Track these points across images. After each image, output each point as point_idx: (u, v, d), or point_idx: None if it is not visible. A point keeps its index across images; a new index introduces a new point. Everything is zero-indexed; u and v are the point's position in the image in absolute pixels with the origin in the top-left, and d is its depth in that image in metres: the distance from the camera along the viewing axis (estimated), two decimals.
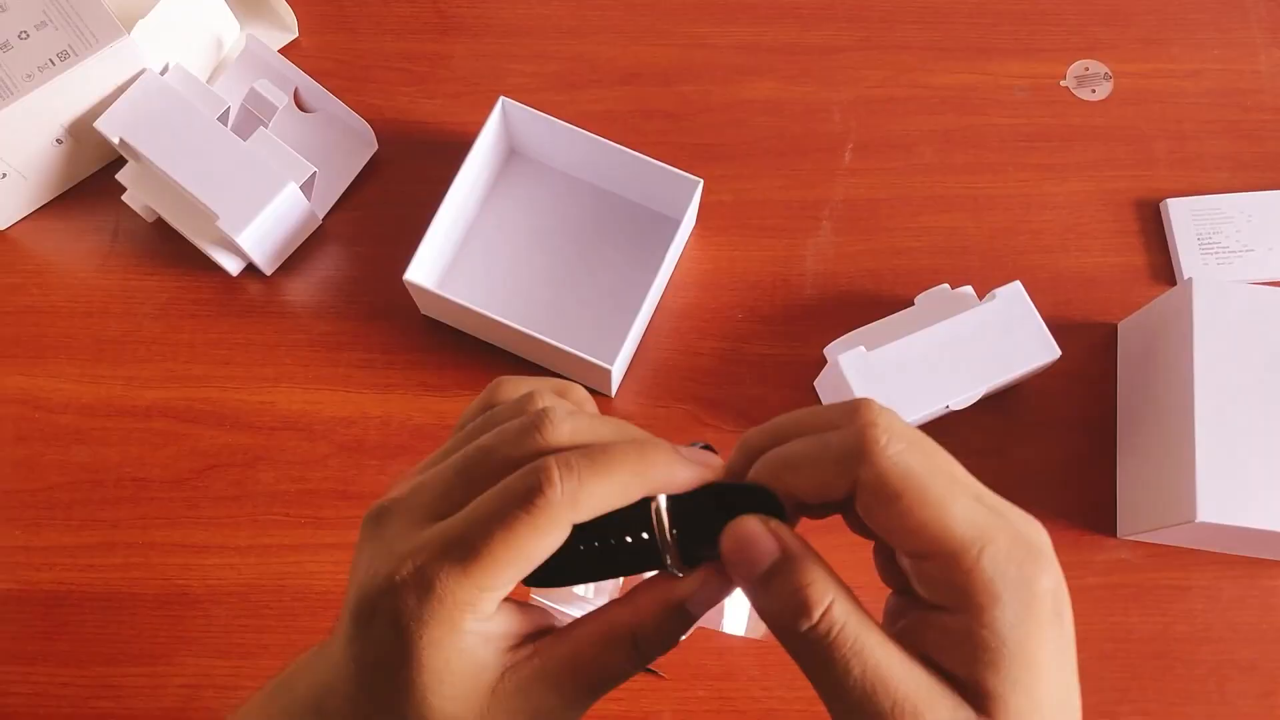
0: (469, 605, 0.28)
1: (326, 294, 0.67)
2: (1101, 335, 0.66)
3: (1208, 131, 0.71)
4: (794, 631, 0.27)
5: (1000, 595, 0.27)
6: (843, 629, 0.27)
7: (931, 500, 0.27)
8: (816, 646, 0.27)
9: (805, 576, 0.27)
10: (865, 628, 0.27)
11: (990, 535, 0.27)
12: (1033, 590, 0.27)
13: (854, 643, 0.27)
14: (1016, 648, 0.27)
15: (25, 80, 0.60)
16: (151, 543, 0.61)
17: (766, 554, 0.28)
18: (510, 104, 0.64)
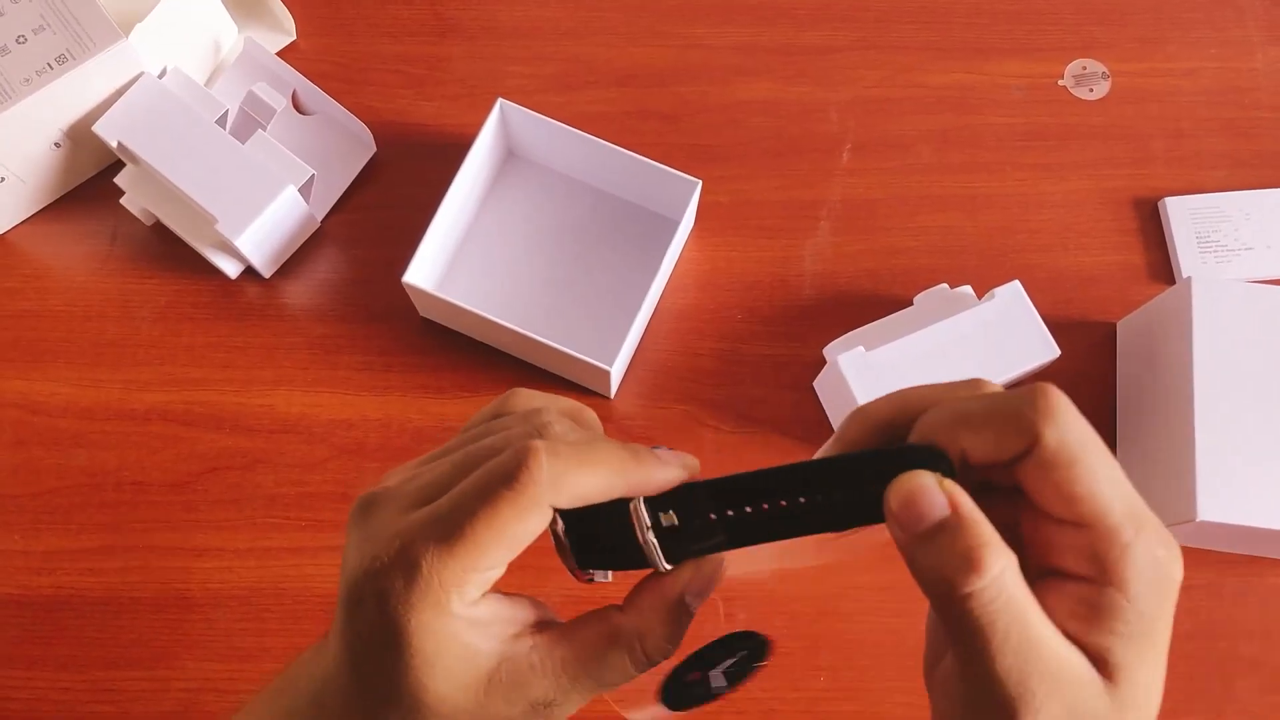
0: (455, 586, 0.28)
1: (325, 296, 0.67)
2: (1100, 334, 0.67)
3: (1205, 130, 0.71)
4: (955, 592, 0.27)
5: (1146, 576, 0.28)
6: (1010, 597, 0.27)
7: (1102, 475, 0.28)
8: (979, 609, 0.27)
9: (980, 537, 0.27)
10: (1029, 600, 0.27)
11: (1143, 520, 0.28)
12: (1170, 578, 0.29)
13: (1018, 612, 0.27)
14: (1149, 626, 0.28)
15: (23, 84, 0.60)
16: (151, 546, 0.61)
17: (937, 509, 0.28)
18: (508, 105, 0.64)
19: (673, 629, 0.31)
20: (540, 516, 0.29)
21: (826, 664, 0.59)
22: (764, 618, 0.60)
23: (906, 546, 0.28)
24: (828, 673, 0.59)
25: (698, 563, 0.31)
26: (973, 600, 0.27)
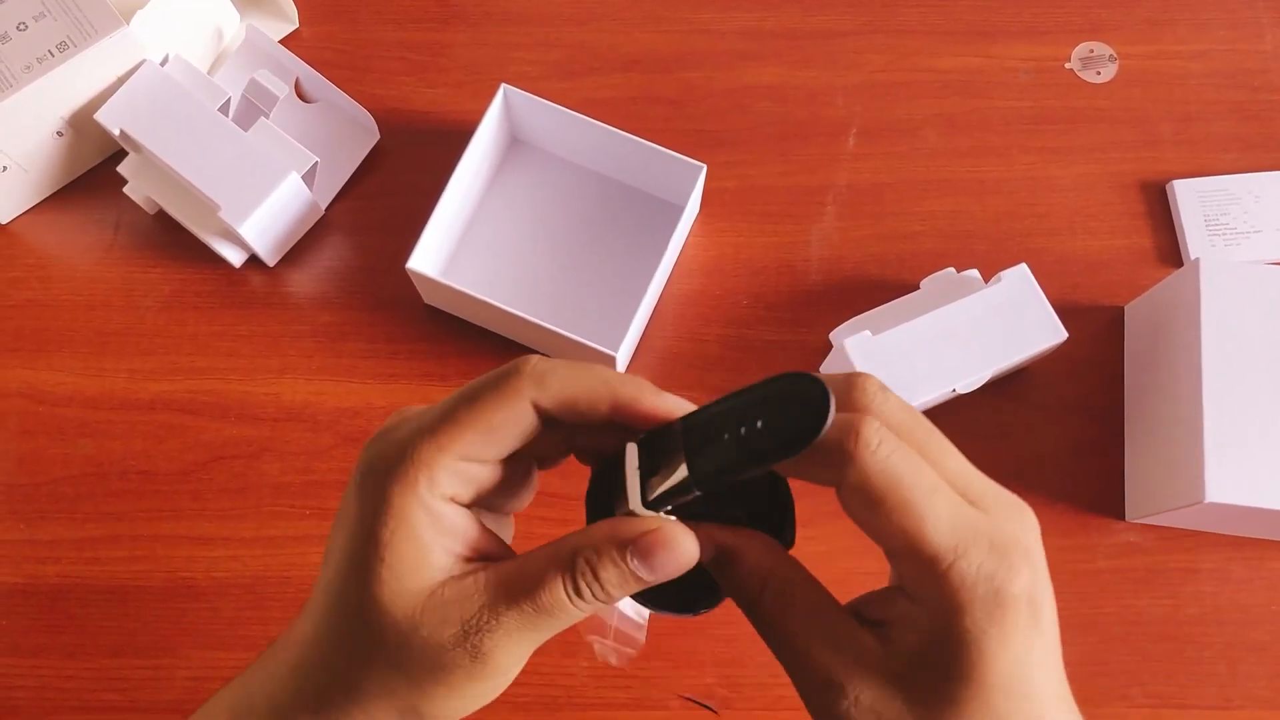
0: (426, 465, 0.29)
1: (330, 284, 0.66)
2: (1108, 318, 0.66)
3: (1214, 113, 0.71)
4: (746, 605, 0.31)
5: (970, 603, 0.28)
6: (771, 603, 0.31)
7: (912, 509, 0.28)
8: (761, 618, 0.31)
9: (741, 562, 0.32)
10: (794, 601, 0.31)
11: (967, 543, 0.28)
12: (1003, 596, 0.28)
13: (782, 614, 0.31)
14: (979, 655, 0.28)
15: (24, 72, 0.60)
16: (156, 535, 0.61)
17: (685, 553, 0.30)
18: (512, 91, 0.64)
19: (618, 575, 0.30)
20: (520, 407, 0.30)
21: None
22: None
23: None
24: None
25: (667, 526, 0.30)
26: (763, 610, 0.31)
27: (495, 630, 0.29)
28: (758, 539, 0.32)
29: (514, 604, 0.29)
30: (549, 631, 0.30)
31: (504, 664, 0.30)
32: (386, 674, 0.30)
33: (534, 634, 0.30)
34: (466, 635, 0.29)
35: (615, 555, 0.29)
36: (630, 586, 0.30)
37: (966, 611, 0.28)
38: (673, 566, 0.30)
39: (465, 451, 0.30)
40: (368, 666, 0.31)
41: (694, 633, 0.59)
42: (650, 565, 0.29)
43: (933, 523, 0.28)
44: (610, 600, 0.30)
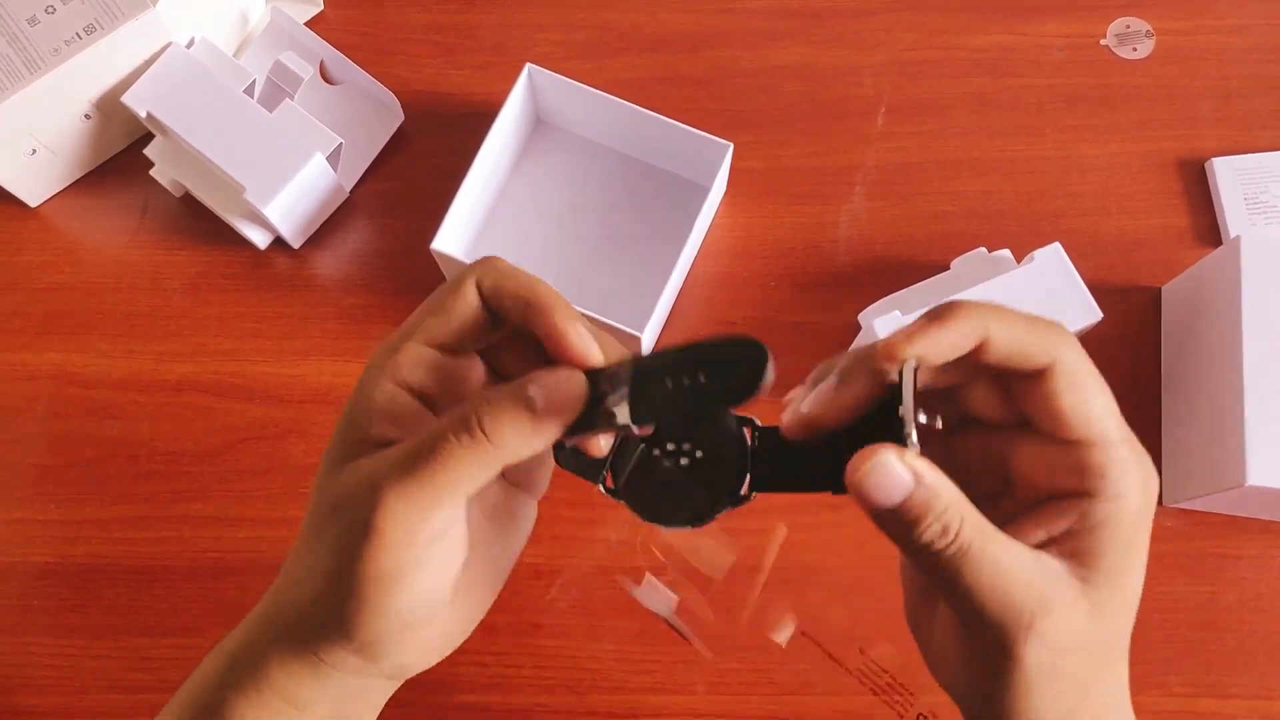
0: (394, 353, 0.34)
1: (354, 266, 0.66)
2: (1145, 299, 0.65)
3: (1254, 88, 0.69)
4: (927, 550, 0.30)
5: (1137, 484, 0.32)
6: (972, 544, 0.30)
7: (1102, 398, 0.31)
8: (951, 561, 0.30)
9: (942, 503, 0.30)
10: (990, 537, 0.30)
11: (1132, 442, 0.32)
12: (1150, 491, 0.32)
13: (985, 550, 0.30)
14: (1134, 532, 0.32)
15: (53, 55, 0.60)
16: (184, 516, 0.61)
17: (902, 486, 0.29)
18: (536, 70, 0.64)
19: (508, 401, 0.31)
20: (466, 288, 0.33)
21: (861, 636, 0.58)
22: (799, 592, 0.59)
23: (875, 517, 0.30)
24: (862, 644, 0.58)
25: None
26: (944, 553, 0.30)
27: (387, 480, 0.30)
28: None
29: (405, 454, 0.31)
30: (437, 491, 0.30)
31: (394, 525, 0.30)
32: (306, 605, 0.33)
33: (418, 488, 0.30)
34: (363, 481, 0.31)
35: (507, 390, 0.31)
36: (518, 411, 0.31)
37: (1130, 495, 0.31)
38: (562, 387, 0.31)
39: (426, 338, 0.34)
40: None
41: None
42: (540, 384, 0.31)
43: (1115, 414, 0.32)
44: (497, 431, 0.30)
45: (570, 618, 0.59)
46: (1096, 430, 0.31)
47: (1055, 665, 0.31)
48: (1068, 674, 0.32)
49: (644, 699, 0.57)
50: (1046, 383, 0.31)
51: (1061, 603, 0.31)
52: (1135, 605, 0.33)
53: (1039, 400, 0.31)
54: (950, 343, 0.30)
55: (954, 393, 0.35)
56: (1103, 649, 0.33)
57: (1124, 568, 0.32)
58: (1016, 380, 0.32)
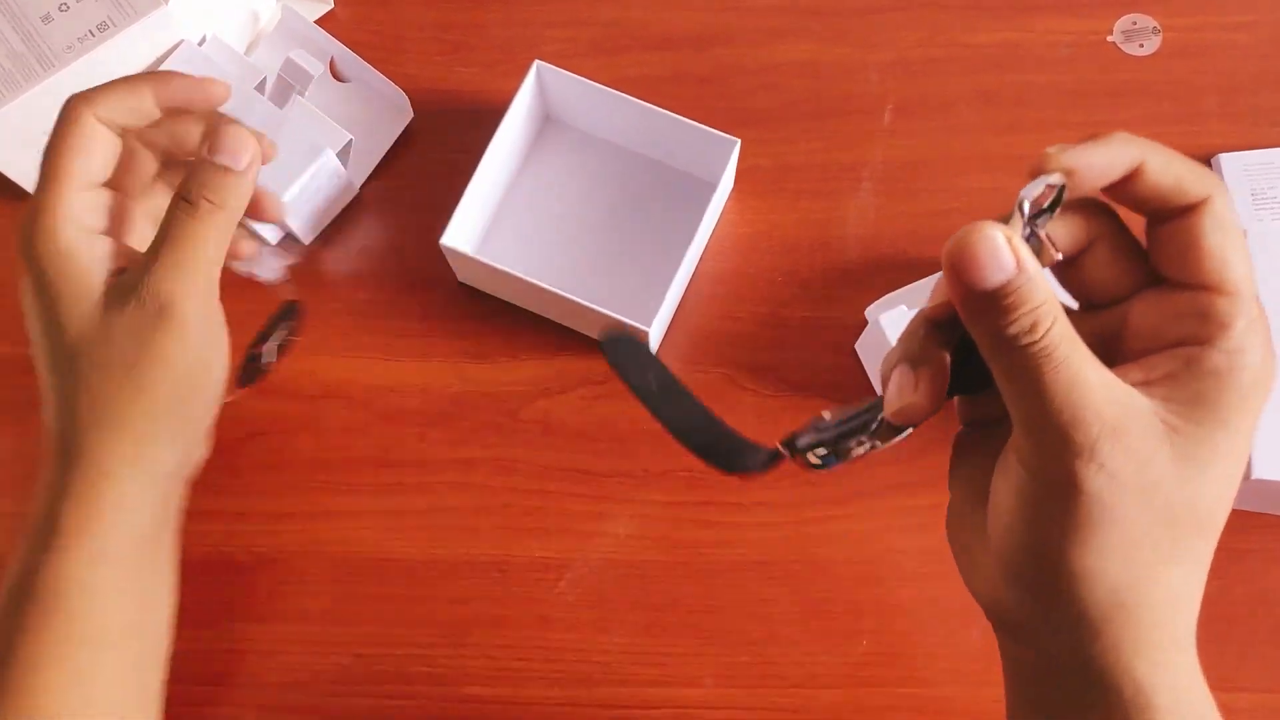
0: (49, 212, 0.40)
1: (364, 263, 0.67)
2: None
3: (1262, 84, 0.69)
4: (1012, 346, 0.28)
5: (1257, 347, 0.29)
6: (1058, 348, 0.28)
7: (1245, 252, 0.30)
8: (1033, 360, 0.28)
9: (1039, 296, 0.27)
10: (1076, 348, 0.28)
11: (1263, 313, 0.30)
12: (1272, 367, 0.30)
13: (1069, 357, 0.28)
14: (1245, 395, 0.29)
15: (66, 52, 0.61)
16: (195, 510, 0.61)
17: (1005, 269, 0.27)
18: (545, 67, 0.64)
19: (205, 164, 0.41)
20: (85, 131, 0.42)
21: (869, 628, 0.58)
22: (806, 581, 0.59)
23: (964, 301, 0.29)
24: (870, 637, 0.58)
25: None
26: (1029, 349, 0.28)
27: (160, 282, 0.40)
28: None
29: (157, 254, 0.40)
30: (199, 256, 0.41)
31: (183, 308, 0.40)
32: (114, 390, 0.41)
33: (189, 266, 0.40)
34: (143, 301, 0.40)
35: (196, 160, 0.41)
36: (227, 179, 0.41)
37: (1256, 355, 0.29)
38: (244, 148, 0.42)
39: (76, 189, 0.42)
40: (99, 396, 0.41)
41: (729, 611, 0.59)
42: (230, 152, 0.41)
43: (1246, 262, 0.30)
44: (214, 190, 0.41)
45: (578, 611, 0.59)
46: (1233, 276, 0.29)
47: (1120, 509, 0.28)
48: (1136, 530, 0.29)
49: (652, 691, 0.58)
50: (1193, 220, 0.29)
51: (1138, 435, 0.28)
52: (1231, 489, 0.30)
53: (1179, 240, 0.30)
54: (1106, 160, 0.29)
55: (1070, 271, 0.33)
56: (1186, 519, 0.29)
57: (1228, 431, 0.29)
58: (1157, 223, 0.31)
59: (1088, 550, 0.29)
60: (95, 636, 0.41)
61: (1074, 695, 0.31)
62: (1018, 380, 0.28)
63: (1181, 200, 0.30)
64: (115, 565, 0.41)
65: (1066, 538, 0.29)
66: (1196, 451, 0.29)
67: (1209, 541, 0.31)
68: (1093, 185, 0.30)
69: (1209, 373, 0.29)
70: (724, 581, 0.59)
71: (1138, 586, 0.29)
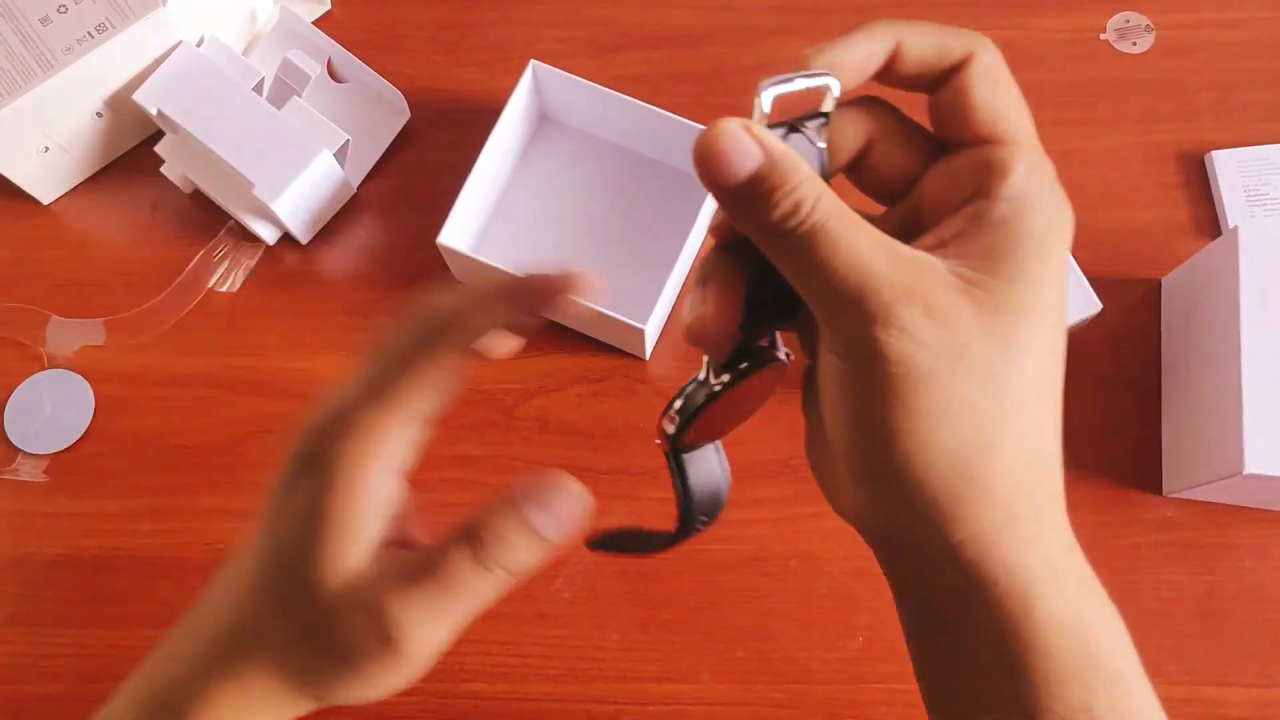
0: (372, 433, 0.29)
1: (362, 262, 0.67)
2: (1145, 291, 0.65)
3: (1255, 82, 0.69)
4: (780, 231, 0.26)
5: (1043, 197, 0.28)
6: (828, 219, 0.26)
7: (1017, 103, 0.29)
8: (803, 241, 0.26)
9: (791, 176, 0.26)
10: (850, 218, 0.26)
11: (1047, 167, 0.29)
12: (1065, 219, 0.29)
13: (840, 231, 0.26)
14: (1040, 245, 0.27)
15: (65, 53, 0.61)
16: (194, 509, 0.62)
17: (750, 159, 0.26)
18: (541, 67, 0.64)
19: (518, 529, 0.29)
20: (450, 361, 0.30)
21: (864, 624, 0.59)
22: (802, 579, 0.60)
23: (723, 200, 0.27)
24: (866, 632, 0.59)
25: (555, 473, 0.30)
26: (797, 231, 0.26)
27: (403, 615, 0.29)
28: None
29: (418, 584, 0.29)
30: (459, 611, 0.30)
31: (413, 650, 0.29)
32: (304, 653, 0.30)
33: (442, 615, 0.29)
34: (376, 621, 0.29)
35: (511, 511, 0.29)
36: (534, 540, 0.29)
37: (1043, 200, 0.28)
38: (568, 508, 0.30)
39: (411, 414, 0.30)
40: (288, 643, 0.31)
41: (725, 607, 0.59)
42: (547, 509, 0.29)
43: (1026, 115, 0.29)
44: (517, 563, 0.29)
45: (576, 607, 0.59)
46: (1006, 127, 0.28)
47: (933, 373, 0.26)
48: (958, 396, 0.27)
49: (649, 687, 0.58)
50: (960, 78, 0.29)
51: (933, 294, 0.26)
52: (1053, 350, 0.28)
53: (951, 103, 0.29)
54: (865, 50, 0.29)
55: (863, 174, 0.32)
56: (1012, 382, 0.27)
57: (1030, 281, 0.27)
58: (932, 94, 0.30)
59: (912, 422, 0.27)
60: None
61: (954, 600, 0.30)
62: (799, 266, 0.27)
63: (947, 63, 0.29)
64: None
65: (888, 414, 0.27)
66: (1002, 305, 0.27)
67: (1048, 407, 0.29)
68: (858, 78, 0.29)
69: (997, 224, 0.27)
70: (720, 578, 0.60)
71: (979, 459, 0.27)
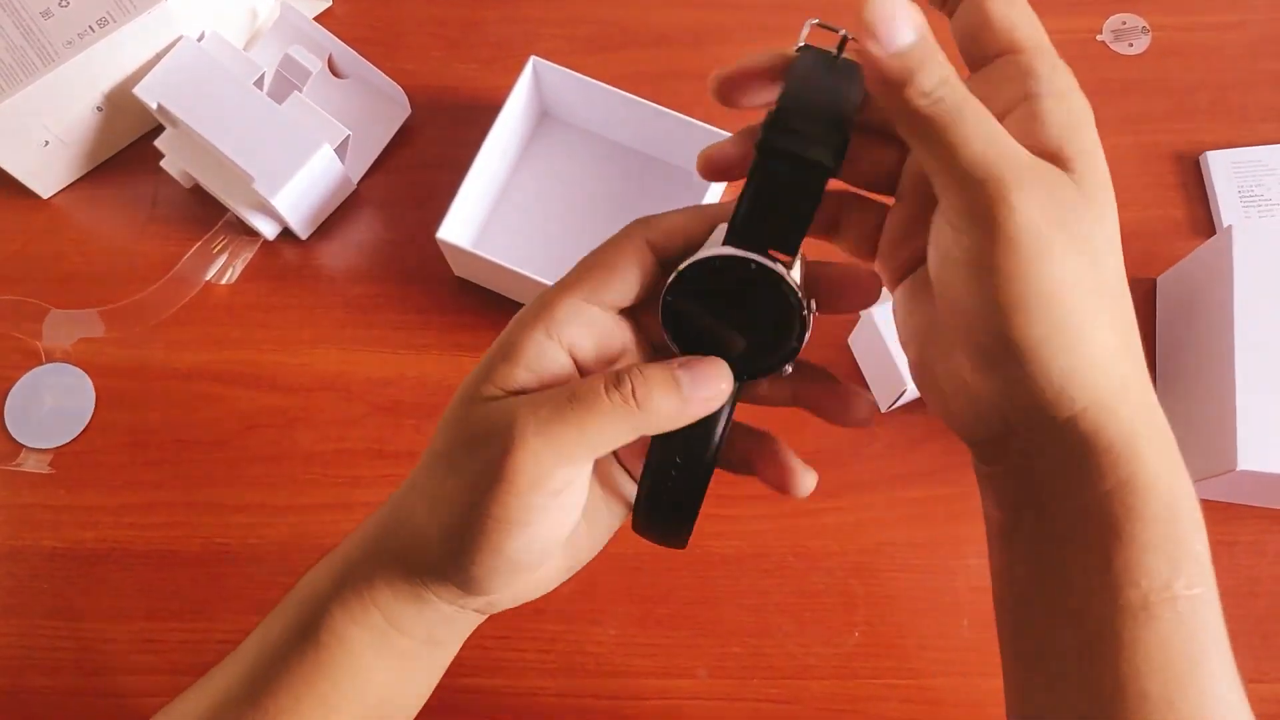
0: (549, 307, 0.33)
1: (362, 257, 0.67)
2: (1140, 290, 0.66)
3: (1250, 83, 0.70)
4: (931, 99, 0.28)
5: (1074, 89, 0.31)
6: (967, 101, 0.28)
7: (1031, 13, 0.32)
8: (947, 114, 0.28)
9: (940, 55, 0.28)
10: (980, 106, 0.29)
11: None
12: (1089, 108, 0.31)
13: (976, 112, 0.28)
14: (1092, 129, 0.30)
15: (66, 47, 0.61)
16: (192, 502, 0.62)
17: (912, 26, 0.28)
18: (541, 63, 0.65)
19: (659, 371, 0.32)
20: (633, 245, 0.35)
21: (861, 620, 0.59)
22: (798, 574, 0.60)
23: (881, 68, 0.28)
24: (862, 628, 0.59)
25: None
26: (942, 102, 0.28)
27: (528, 421, 0.31)
28: None
29: (552, 398, 0.31)
30: (576, 431, 0.31)
31: (522, 458, 0.31)
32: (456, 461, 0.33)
33: (562, 431, 0.31)
34: (505, 423, 0.31)
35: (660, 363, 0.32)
36: (671, 387, 0.32)
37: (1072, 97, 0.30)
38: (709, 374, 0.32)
39: (587, 294, 0.33)
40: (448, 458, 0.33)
41: (722, 603, 0.59)
42: (691, 368, 0.32)
43: None
44: (649, 401, 0.31)
45: (573, 603, 0.59)
46: (1020, 35, 0.31)
47: (1051, 243, 0.29)
48: (1072, 269, 0.29)
49: (645, 682, 0.58)
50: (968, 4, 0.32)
51: (1049, 173, 0.29)
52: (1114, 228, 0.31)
53: (967, 20, 0.32)
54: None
55: None
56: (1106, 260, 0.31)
57: (1099, 168, 0.31)
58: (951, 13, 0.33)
59: (1035, 286, 0.29)
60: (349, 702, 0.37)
61: (1062, 477, 0.32)
62: (940, 138, 0.28)
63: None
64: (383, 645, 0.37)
65: (1014, 281, 0.29)
66: (1089, 196, 0.30)
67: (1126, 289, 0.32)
68: None
69: (1049, 120, 0.30)
70: (717, 573, 0.60)
71: (1092, 329, 0.30)
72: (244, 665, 0.38)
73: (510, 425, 0.31)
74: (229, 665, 0.39)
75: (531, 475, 0.31)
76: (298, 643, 0.36)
